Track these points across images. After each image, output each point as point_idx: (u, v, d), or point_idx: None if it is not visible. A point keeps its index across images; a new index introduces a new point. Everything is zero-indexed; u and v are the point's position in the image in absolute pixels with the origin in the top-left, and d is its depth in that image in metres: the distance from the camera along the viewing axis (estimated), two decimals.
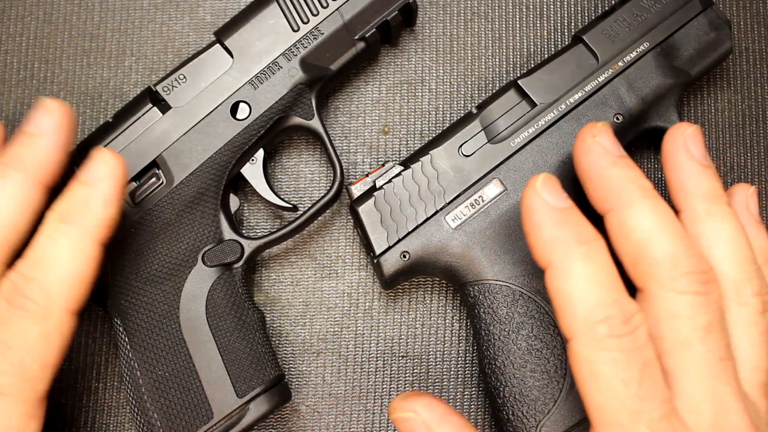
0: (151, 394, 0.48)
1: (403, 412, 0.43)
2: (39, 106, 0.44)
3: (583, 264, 0.39)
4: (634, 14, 0.51)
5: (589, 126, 0.44)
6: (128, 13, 0.57)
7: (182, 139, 0.50)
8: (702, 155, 0.44)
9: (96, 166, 0.44)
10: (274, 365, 0.50)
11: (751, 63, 0.57)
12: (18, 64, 0.57)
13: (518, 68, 0.57)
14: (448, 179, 0.50)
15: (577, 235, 0.39)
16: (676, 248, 0.40)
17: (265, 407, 0.48)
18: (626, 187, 0.42)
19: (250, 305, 0.50)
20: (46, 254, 0.42)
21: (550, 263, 0.40)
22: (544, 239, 0.40)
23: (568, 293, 0.39)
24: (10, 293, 0.42)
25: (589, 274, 0.39)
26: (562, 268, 0.39)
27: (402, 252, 0.50)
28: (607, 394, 0.38)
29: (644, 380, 0.38)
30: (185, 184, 0.50)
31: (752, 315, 0.42)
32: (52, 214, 0.43)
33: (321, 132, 0.52)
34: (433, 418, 0.43)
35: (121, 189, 0.44)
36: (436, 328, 0.54)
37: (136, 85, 0.57)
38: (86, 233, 0.43)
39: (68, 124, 0.44)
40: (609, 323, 0.38)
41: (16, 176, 0.43)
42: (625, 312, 0.38)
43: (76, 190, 0.43)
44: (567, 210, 0.40)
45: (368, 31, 0.51)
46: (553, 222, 0.40)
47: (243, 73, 0.50)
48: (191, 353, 0.48)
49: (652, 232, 0.40)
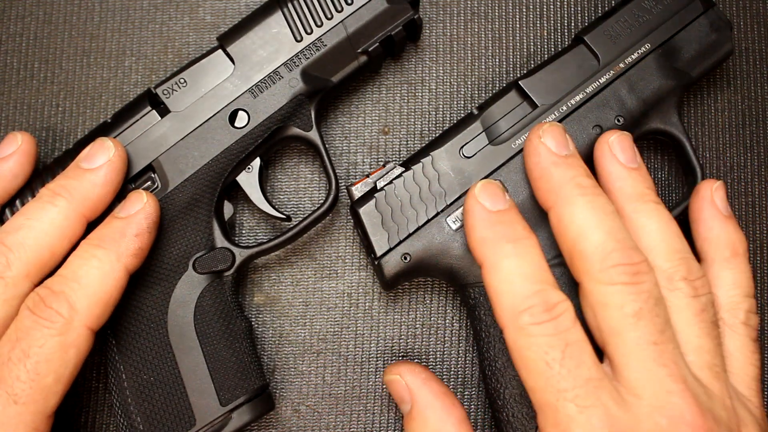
0: (135, 398, 0.48)
1: (390, 374, 0.48)
2: (98, 143, 0.48)
3: (509, 260, 0.42)
4: (636, 15, 0.51)
5: (537, 126, 0.47)
6: (128, 13, 0.57)
7: (179, 144, 0.50)
8: (628, 158, 0.47)
9: (133, 205, 0.47)
10: (259, 375, 0.50)
11: (751, 63, 0.57)
12: (18, 64, 0.57)
13: (518, 68, 0.57)
14: (449, 181, 0.50)
15: (507, 234, 0.43)
16: (606, 242, 0.42)
17: (247, 416, 0.48)
18: (564, 185, 0.45)
19: (238, 314, 0.50)
20: (76, 273, 0.44)
21: (482, 261, 0.43)
22: (477, 239, 0.44)
23: (497, 287, 0.42)
24: (36, 303, 0.44)
25: (514, 268, 0.42)
26: (492, 265, 0.43)
27: (403, 254, 0.50)
28: (534, 376, 0.41)
29: (566, 360, 0.40)
30: (180, 189, 0.49)
31: (683, 299, 0.44)
32: (86, 241, 0.46)
33: (318, 144, 0.51)
34: (415, 381, 0.47)
35: (154, 225, 0.47)
36: (436, 328, 0.54)
37: (136, 86, 0.56)
38: (117, 259, 0.45)
39: (121, 166, 0.48)
40: (530, 312, 0.41)
41: (62, 204, 0.46)
42: (547, 301, 0.41)
43: (112, 222, 0.46)
44: (501, 212, 0.44)
45: (371, 45, 0.51)
46: (486, 223, 0.44)
47: (244, 80, 0.50)
48: (177, 359, 0.48)
49: (585, 228, 0.43)
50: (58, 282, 0.44)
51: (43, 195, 0.47)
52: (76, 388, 0.54)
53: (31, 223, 0.45)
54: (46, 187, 0.47)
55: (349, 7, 0.50)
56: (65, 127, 0.56)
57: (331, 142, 0.56)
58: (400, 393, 0.48)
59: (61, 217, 0.46)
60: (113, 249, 0.45)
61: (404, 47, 0.56)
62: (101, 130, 0.50)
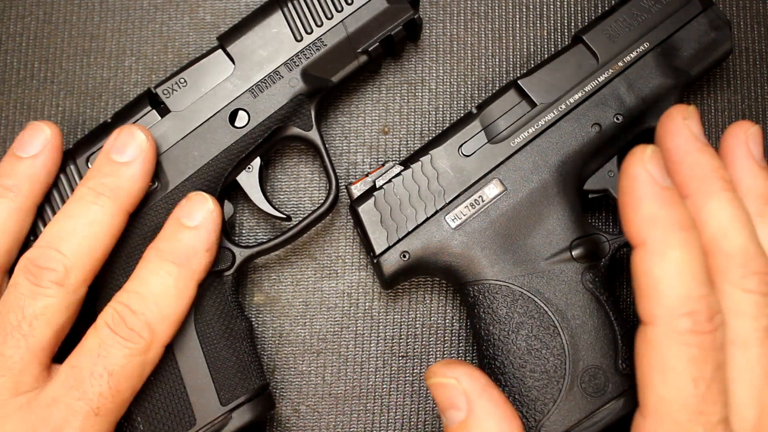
0: (134, 397, 0.48)
1: (444, 377, 0.42)
2: (125, 132, 0.47)
3: (680, 251, 0.37)
4: (634, 14, 0.51)
5: (680, 107, 0.42)
6: (128, 13, 0.57)
7: (179, 144, 0.50)
8: (761, 156, 0.43)
9: (197, 211, 0.47)
10: (259, 374, 0.50)
11: (751, 63, 0.57)
12: (18, 64, 0.57)
13: (518, 68, 0.57)
14: (448, 179, 0.50)
15: (679, 220, 0.38)
16: (749, 246, 0.39)
17: (248, 416, 0.48)
18: (709, 175, 0.40)
19: (238, 313, 0.50)
20: (153, 292, 0.46)
21: (644, 242, 0.38)
22: (643, 216, 0.38)
23: (657, 277, 0.37)
24: (116, 323, 0.45)
25: (684, 262, 0.37)
26: (658, 251, 0.38)
27: (402, 252, 0.50)
28: (673, 388, 0.37)
29: (713, 383, 0.37)
30: (180, 189, 0.49)
31: None
32: (154, 252, 0.46)
33: (319, 144, 0.51)
34: (475, 388, 0.41)
35: (219, 237, 0.48)
36: (436, 328, 0.54)
37: (136, 85, 0.57)
38: (192, 277, 0.47)
39: (153, 154, 0.48)
40: (694, 318, 0.37)
41: (107, 203, 0.46)
42: (710, 309, 0.37)
43: (182, 234, 0.47)
44: (671, 191, 0.39)
45: (371, 45, 0.51)
46: (657, 199, 0.38)
47: (244, 80, 0.50)
48: (177, 359, 0.48)
49: (728, 226, 0.39)
50: (136, 301, 0.45)
51: (85, 195, 0.46)
52: None
53: (82, 228, 0.46)
54: (86, 186, 0.47)
55: (349, 6, 0.50)
56: (65, 127, 0.56)
57: (331, 142, 0.56)
58: (454, 399, 0.41)
59: (108, 218, 0.46)
60: (187, 266, 0.46)
61: (404, 47, 0.56)
62: (101, 130, 0.50)
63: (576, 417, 0.46)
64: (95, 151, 0.49)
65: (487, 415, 0.41)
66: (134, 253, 0.49)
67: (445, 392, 0.42)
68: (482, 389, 0.41)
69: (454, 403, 0.41)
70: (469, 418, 0.41)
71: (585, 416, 0.46)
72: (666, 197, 0.38)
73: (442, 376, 0.42)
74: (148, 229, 0.49)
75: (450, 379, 0.42)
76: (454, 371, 0.42)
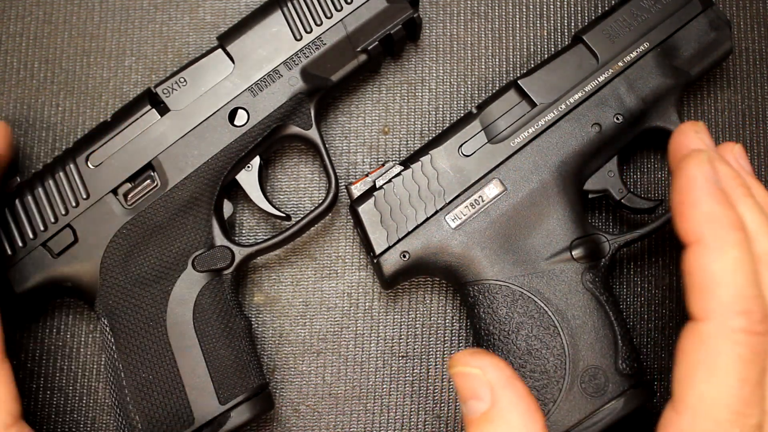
0: (133, 396, 0.48)
1: (468, 367, 0.40)
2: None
3: (737, 250, 0.38)
4: (634, 14, 0.51)
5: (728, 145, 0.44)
6: (128, 13, 0.57)
7: (179, 143, 0.50)
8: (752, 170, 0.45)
9: None
10: (258, 373, 0.50)
11: (751, 63, 0.57)
12: (18, 64, 0.57)
13: (518, 68, 0.57)
14: (448, 179, 0.50)
15: (735, 220, 0.39)
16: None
17: (246, 415, 0.48)
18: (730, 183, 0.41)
19: (237, 312, 0.50)
20: None
21: (701, 239, 0.39)
22: (704, 212, 0.39)
23: (716, 273, 0.38)
24: None
25: (740, 261, 0.38)
26: (717, 248, 0.38)
27: (402, 252, 0.50)
28: (718, 385, 0.37)
29: (757, 387, 0.37)
30: (179, 188, 0.49)
31: None
32: None
33: (318, 143, 0.51)
34: (500, 379, 0.39)
35: None
36: (436, 328, 0.54)
37: (136, 85, 0.57)
38: None
39: None
40: (748, 318, 0.37)
41: None
42: (763, 311, 0.37)
43: None
44: (724, 193, 0.40)
45: (371, 44, 0.51)
46: (715, 199, 0.39)
47: (243, 79, 0.50)
48: (176, 357, 0.48)
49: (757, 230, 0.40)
50: None
51: None
52: (77, 388, 0.54)
53: None
54: None
55: (348, 5, 0.50)
56: (65, 127, 0.56)
57: (331, 142, 0.56)
58: (477, 390, 0.40)
59: None
60: None
61: (404, 47, 0.56)
62: (101, 130, 0.50)
63: (576, 417, 0.46)
64: (95, 150, 0.49)
65: (512, 408, 0.39)
66: (133, 252, 0.49)
67: (469, 382, 0.40)
68: (507, 381, 0.40)
69: (477, 393, 0.40)
70: (492, 409, 0.39)
71: (585, 416, 0.46)
72: (722, 198, 0.39)
73: (467, 365, 0.40)
74: (147, 228, 0.49)
75: (475, 369, 0.40)
76: (479, 361, 0.40)
